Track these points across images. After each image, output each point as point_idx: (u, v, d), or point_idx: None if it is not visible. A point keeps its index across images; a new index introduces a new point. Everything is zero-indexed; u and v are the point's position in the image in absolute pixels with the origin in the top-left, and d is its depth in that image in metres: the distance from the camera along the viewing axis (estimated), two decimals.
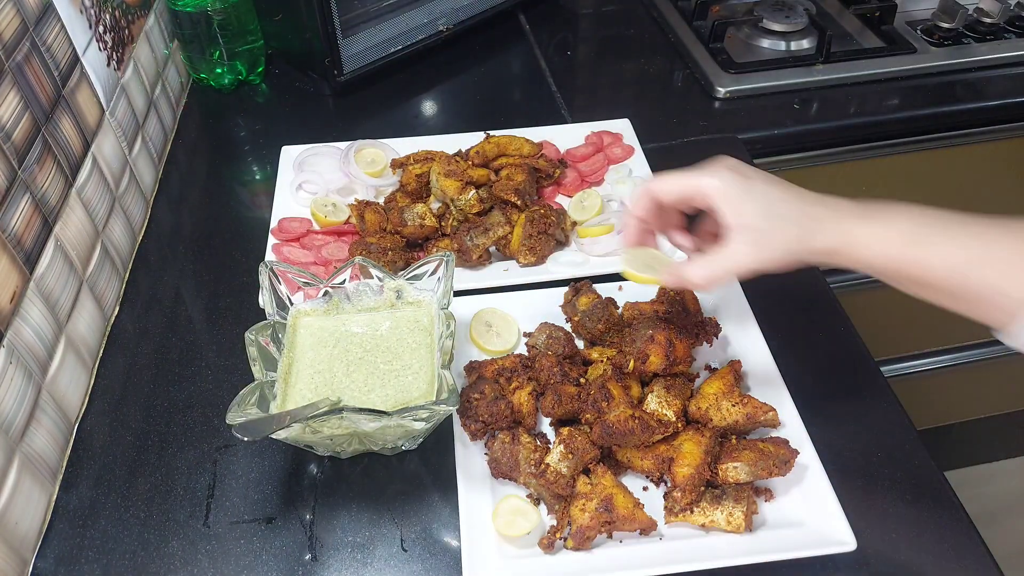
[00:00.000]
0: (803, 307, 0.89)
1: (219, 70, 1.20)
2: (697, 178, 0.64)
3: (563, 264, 0.91)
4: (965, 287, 0.55)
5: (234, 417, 0.62)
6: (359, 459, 0.75)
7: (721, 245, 0.63)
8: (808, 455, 0.70)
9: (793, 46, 1.29)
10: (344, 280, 0.77)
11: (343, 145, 1.04)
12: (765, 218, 0.61)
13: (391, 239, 0.91)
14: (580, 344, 0.83)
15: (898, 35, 1.29)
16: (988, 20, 1.28)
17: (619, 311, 0.83)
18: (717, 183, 0.63)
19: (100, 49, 0.91)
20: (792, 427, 0.73)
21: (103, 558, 0.68)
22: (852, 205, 0.61)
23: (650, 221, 0.70)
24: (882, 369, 0.82)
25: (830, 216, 0.60)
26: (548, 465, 0.68)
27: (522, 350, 0.82)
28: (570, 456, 0.68)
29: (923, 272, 0.57)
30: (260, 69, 1.24)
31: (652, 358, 0.73)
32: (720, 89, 1.19)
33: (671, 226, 0.72)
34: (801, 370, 0.80)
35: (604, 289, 0.86)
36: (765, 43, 1.30)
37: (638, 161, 1.04)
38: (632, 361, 0.74)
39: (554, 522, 0.68)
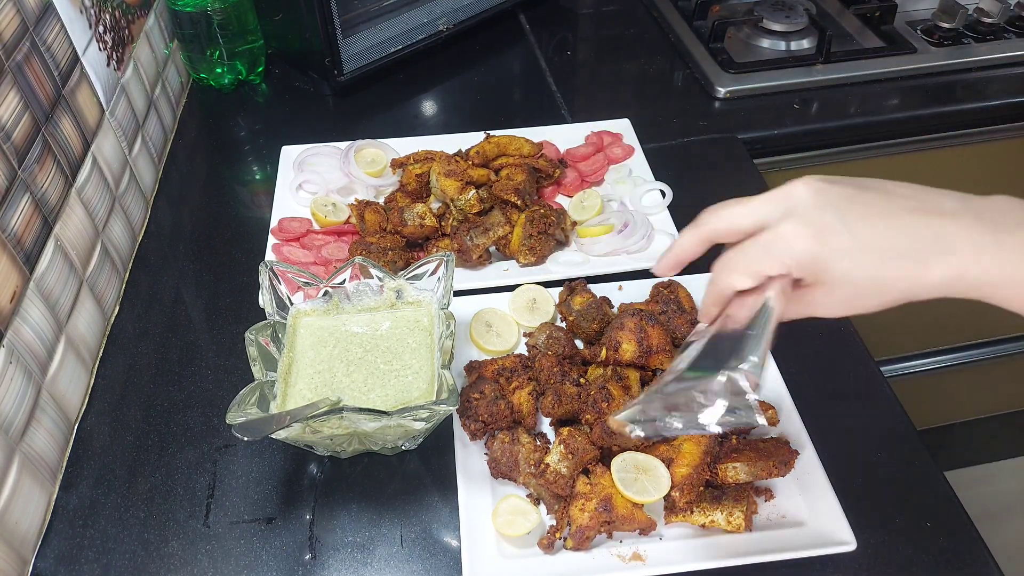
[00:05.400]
0: None
1: (219, 70, 1.20)
2: (775, 227, 0.49)
3: (563, 264, 0.91)
4: None
5: (234, 417, 0.62)
6: (359, 459, 0.75)
7: (803, 292, 0.51)
8: (808, 455, 0.70)
9: (793, 46, 1.29)
10: (344, 280, 0.77)
11: (343, 145, 1.04)
12: (865, 268, 0.47)
13: (391, 239, 0.91)
14: (580, 344, 0.83)
15: (898, 35, 1.29)
16: (988, 20, 1.28)
17: (614, 311, 0.83)
18: (800, 230, 0.47)
19: (100, 49, 0.91)
20: (792, 427, 0.73)
21: (103, 558, 0.68)
22: (978, 218, 0.47)
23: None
24: (882, 369, 0.82)
25: (953, 235, 0.46)
26: (548, 465, 0.68)
27: (522, 350, 0.82)
28: (570, 456, 0.68)
29: None
30: (260, 69, 1.24)
31: (624, 345, 0.73)
32: (720, 89, 1.19)
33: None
34: (801, 370, 0.80)
35: (604, 289, 0.86)
36: (765, 43, 1.30)
37: (638, 161, 1.04)
38: (604, 350, 0.74)
39: (554, 522, 0.68)
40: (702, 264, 0.89)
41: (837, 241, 0.47)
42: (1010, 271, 0.45)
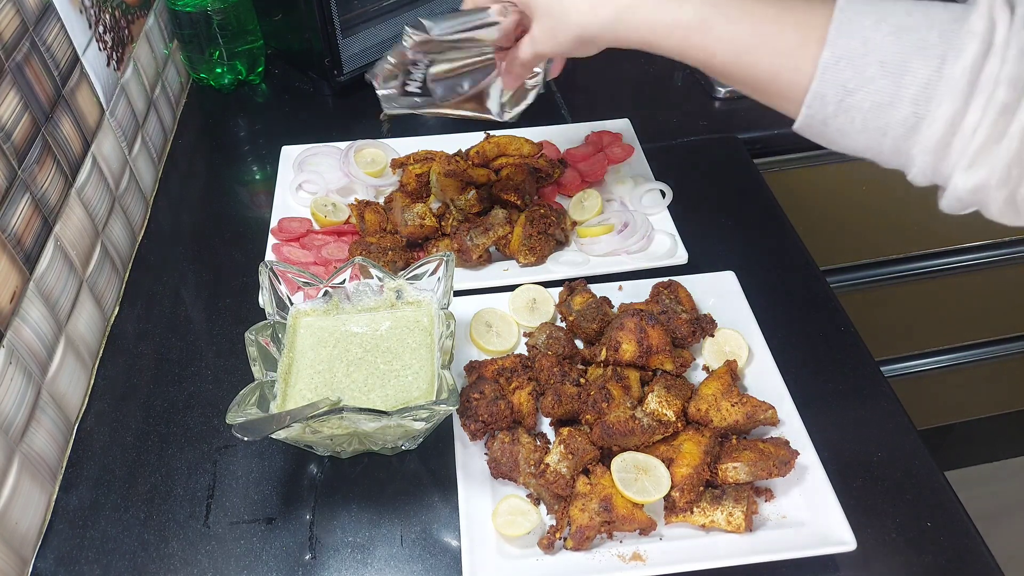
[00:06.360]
0: (803, 307, 0.89)
1: (219, 70, 1.20)
2: None
3: (563, 264, 0.91)
4: (750, 74, 0.56)
5: (234, 417, 0.63)
6: (359, 459, 0.75)
7: (529, 32, 0.68)
8: (808, 455, 0.70)
9: None
10: (344, 280, 0.77)
11: (343, 145, 1.04)
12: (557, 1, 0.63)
13: (391, 239, 0.91)
14: (580, 344, 0.83)
15: None
16: None
17: (614, 311, 0.83)
18: None
19: (100, 49, 0.91)
20: (792, 427, 0.73)
21: (103, 558, 0.68)
22: None
23: None
24: (882, 369, 0.82)
25: None
26: (548, 465, 0.68)
27: (522, 350, 0.82)
28: (570, 456, 0.68)
29: (707, 58, 0.57)
30: (260, 69, 1.24)
31: (624, 345, 0.73)
32: (720, 89, 1.19)
33: None
34: (801, 370, 0.80)
35: (604, 289, 0.86)
36: None
37: (638, 161, 1.04)
38: (604, 350, 0.74)
39: (554, 522, 0.68)
40: (704, 264, 0.90)
41: None
42: (663, 15, 0.57)
